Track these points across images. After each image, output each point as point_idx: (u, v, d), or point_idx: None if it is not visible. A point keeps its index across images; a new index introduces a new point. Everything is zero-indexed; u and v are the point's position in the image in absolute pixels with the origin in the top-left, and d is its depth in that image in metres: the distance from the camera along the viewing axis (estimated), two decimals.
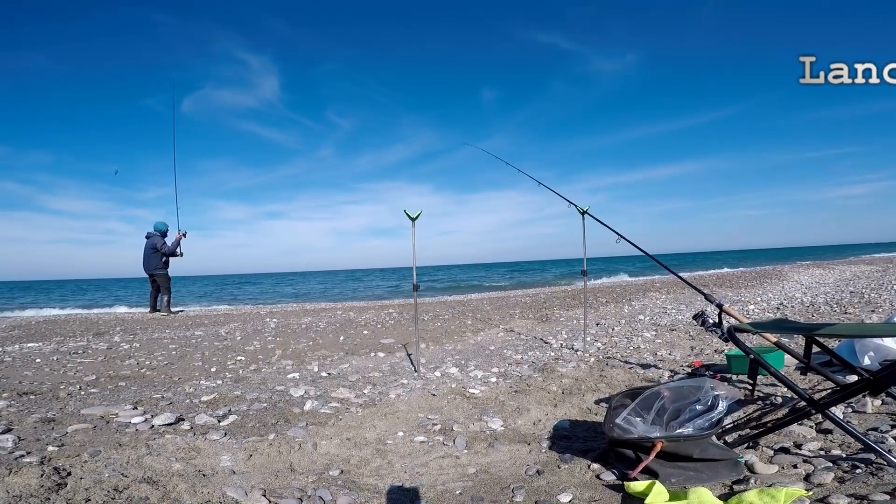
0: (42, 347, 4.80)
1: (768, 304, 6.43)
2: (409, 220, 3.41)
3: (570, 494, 1.55)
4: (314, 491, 1.62)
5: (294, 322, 6.59)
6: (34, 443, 1.92)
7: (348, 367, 3.63)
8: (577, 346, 4.14)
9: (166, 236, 8.89)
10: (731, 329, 1.99)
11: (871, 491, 1.36)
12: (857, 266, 14.15)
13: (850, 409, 2.12)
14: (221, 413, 2.45)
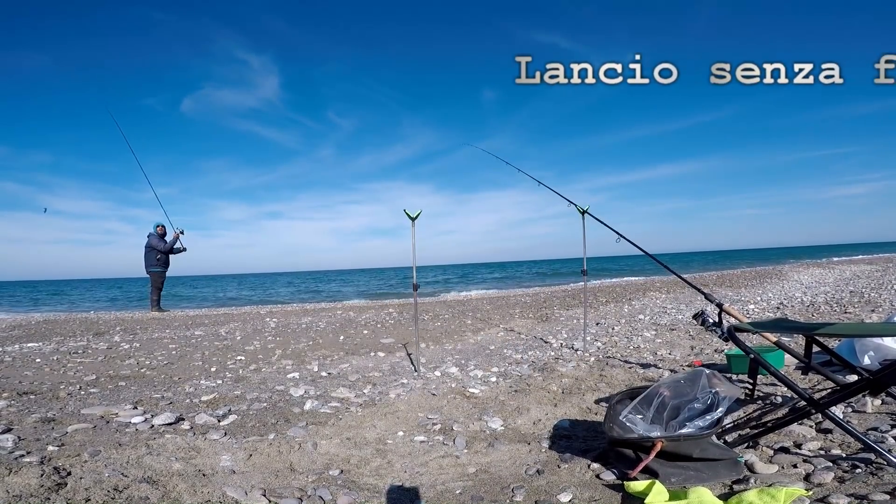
0: (42, 347, 4.80)
1: (768, 304, 6.43)
2: (409, 219, 3.41)
3: (570, 494, 1.55)
4: (314, 490, 1.62)
5: (294, 322, 6.59)
6: (34, 443, 1.92)
7: (348, 366, 3.63)
8: (577, 346, 4.14)
9: (165, 236, 9.15)
10: (731, 328, 1.99)
11: (870, 491, 1.36)
12: (857, 265, 14.15)
13: (850, 408, 2.12)
14: (221, 413, 2.45)
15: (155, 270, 9.09)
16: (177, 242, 9.11)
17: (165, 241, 9.06)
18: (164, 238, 9.09)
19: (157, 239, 9.04)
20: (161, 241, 9.05)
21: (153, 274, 9.10)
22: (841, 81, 4.54)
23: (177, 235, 9.09)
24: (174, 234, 9.08)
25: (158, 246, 9.01)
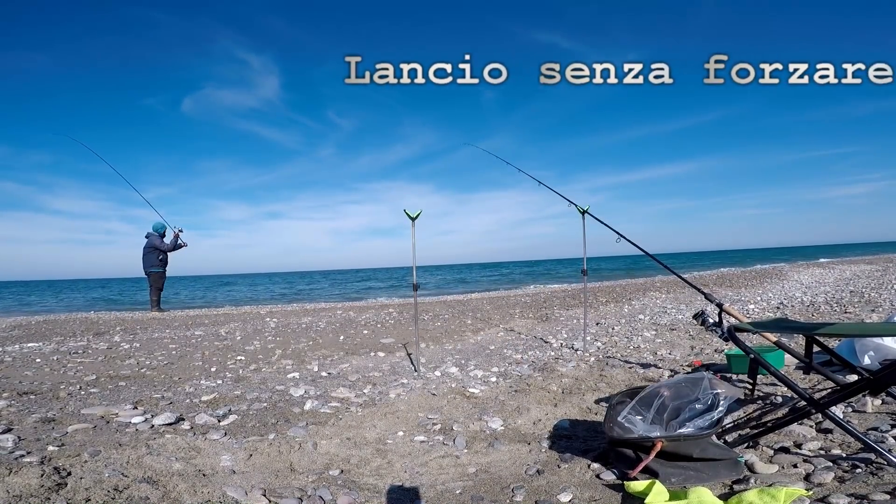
0: (42, 347, 4.80)
1: (768, 304, 6.43)
2: (409, 219, 3.41)
3: (570, 494, 1.55)
4: (314, 490, 1.62)
5: (294, 322, 6.59)
6: (34, 443, 1.92)
7: (348, 366, 3.63)
8: (577, 346, 4.14)
9: (164, 236, 9.20)
10: (731, 328, 1.98)
11: (871, 490, 1.36)
12: (856, 265, 14.15)
13: (850, 408, 2.12)
14: (221, 413, 2.45)
15: (156, 271, 9.12)
16: (178, 240, 9.17)
17: (165, 241, 9.12)
18: (163, 238, 9.15)
19: (158, 239, 9.08)
20: (162, 240, 9.10)
21: (154, 274, 9.13)
22: (671, 81, 4.74)
23: (177, 234, 9.14)
24: (174, 233, 9.13)
25: (162, 246, 9.06)
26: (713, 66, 4.63)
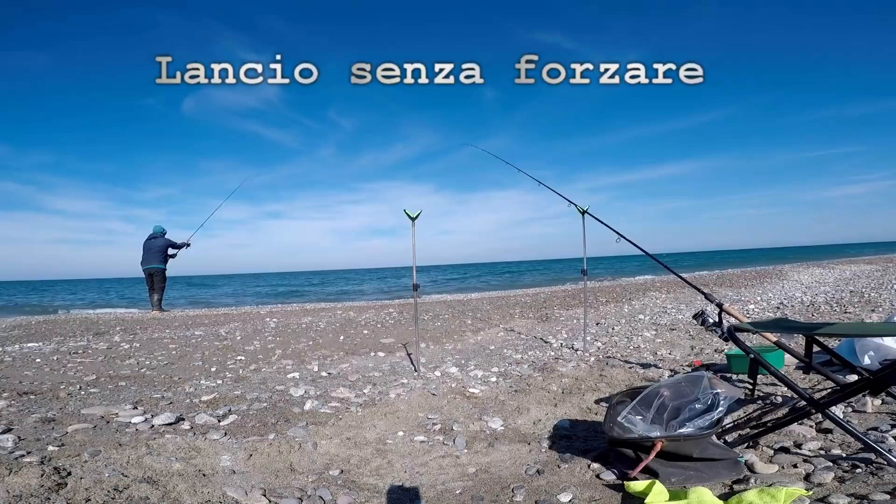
0: (42, 347, 4.80)
1: (768, 304, 6.43)
2: (409, 219, 3.41)
3: (570, 494, 1.55)
4: (314, 490, 1.62)
5: (294, 322, 6.59)
6: (34, 443, 1.92)
7: (348, 366, 3.63)
8: (577, 346, 4.14)
9: (164, 236, 9.30)
10: (732, 328, 1.98)
11: (871, 490, 1.36)
12: (856, 265, 14.15)
13: (850, 408, 2.12)
14: (221, 413, 2.45)
15: (161, 268, 9.17)
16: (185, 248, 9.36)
17: (174, 242, 9.26)
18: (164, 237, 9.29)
19: (169, 240, 9.21)
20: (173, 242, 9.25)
21: (160, 272, 9.16)
22: (482, 82, 4.86)
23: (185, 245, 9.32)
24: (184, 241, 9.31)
25: (176, 244, 9.19)
26: (524, 67, 4.75)
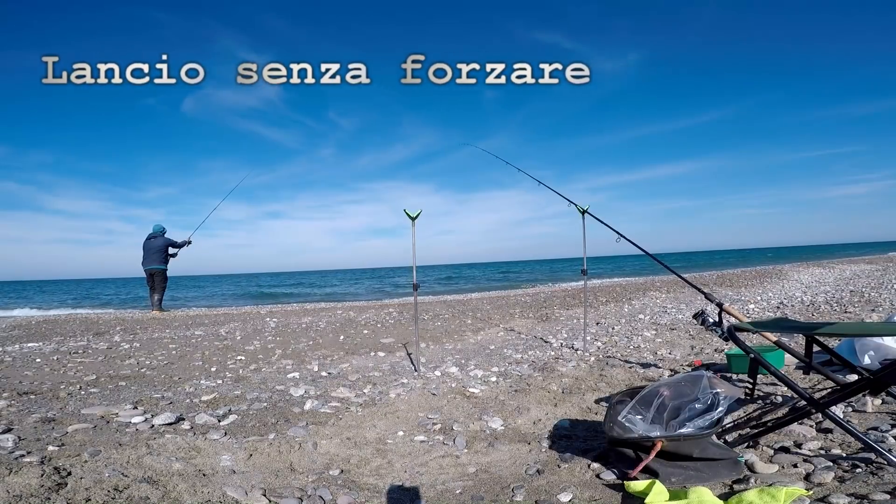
0: (42, 347, 4.80)
1: (768, 304, 6.43)
2: (409, 219, 3.41)
3: (571, 494, 1.55)
4: (314, 490, 1.62)
5: (294, 322, 6.59)
6: (34, 442, 1.92)
7: (348, 366, 3.63)
8: (577, 346, 4.14)
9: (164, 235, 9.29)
10: (732, 328, 1.99)
11: (871, 490, 1.36)
12: (857, 265, 14.15)
13: (850, 408, 2.12)
14: (221, 413, 2.45)
15: (162, 268, 9.18)
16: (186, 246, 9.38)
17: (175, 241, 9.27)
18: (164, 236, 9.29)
19: (169, 240, 9.20)
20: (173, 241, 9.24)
21: (160, 272, 9.16)
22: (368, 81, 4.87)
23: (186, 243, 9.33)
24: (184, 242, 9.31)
25: (176, 243, 9.18)
26: (410, 66, 4.77)
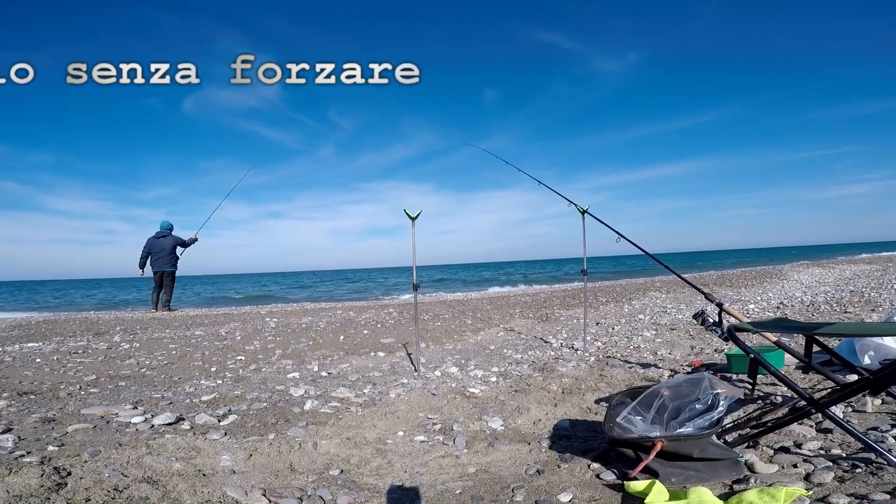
0: (42, 347, 4.80)
1: (768, 304, 6.43)
2: (409, 219, 3.41)
3: (570, 494, 1.55)
4: (314, 490, 1.62)
5: (294, 322, 6.59)
6: (34, 442, 1.92)
7: (348, 366, 3.63)
8: (577, 346, 4.14)
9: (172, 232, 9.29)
10: (731, 328, 1.99)
11: (871, 490, 1.36)
12: (857, 265, 14.15)
13: (850, 408, 2.12)
14: (221, 413, 2.45)
15: (173, 270, 9.19)
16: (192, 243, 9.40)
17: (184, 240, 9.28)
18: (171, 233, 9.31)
19: (178, 238, 9.20)
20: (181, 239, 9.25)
21: (172, 274, 9.17)
22: (197, 81, 4.87)
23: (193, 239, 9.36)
24: (191, 238, 9.33)
25: (185, 241, 9.19)
26: (240, 66, 4.79)
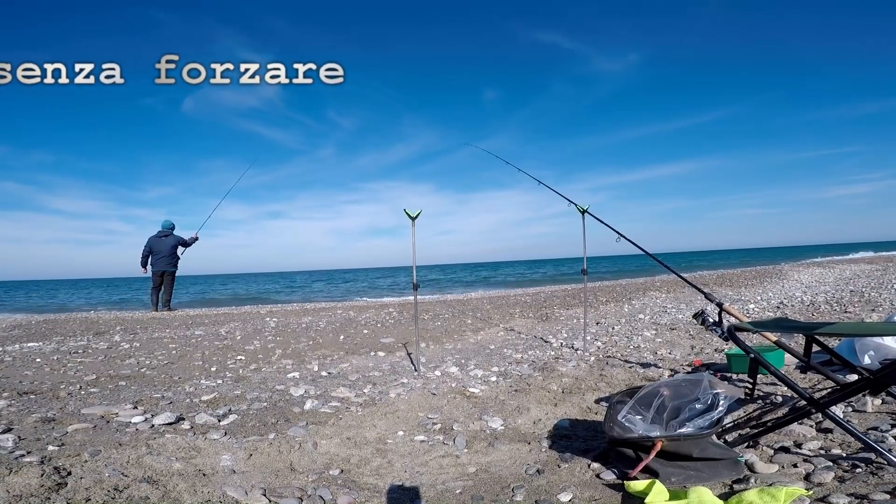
0: (42, 347, 4.80)
1: (768, 303, 6.43)
2: (409, 219, 3.41)
3: (571, 494, 1.55)
4: (314, 490, 1.62)
5: (294, 321, 6.59)
6: (34, 442, 1.92)
7: (348, 366, 3.63)
8: (577, 345, 4.14)
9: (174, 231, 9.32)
10: (732, 328, 1.99)
11: (871, 490, 1.36)
12: (857, 265, 14.15)
13: (850, 408, 2.12)
14: (221, 412, 2.45)
15: (174, 270, 9.20)
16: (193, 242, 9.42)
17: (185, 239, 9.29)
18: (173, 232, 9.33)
19: (180, 238, 9.22)
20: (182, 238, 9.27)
21: (170, 274, 9.18)
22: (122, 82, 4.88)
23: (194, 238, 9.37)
24: (191, 237, 9.34)
25: (186, 241, 9.20)
26: (164, 66, 4.80)
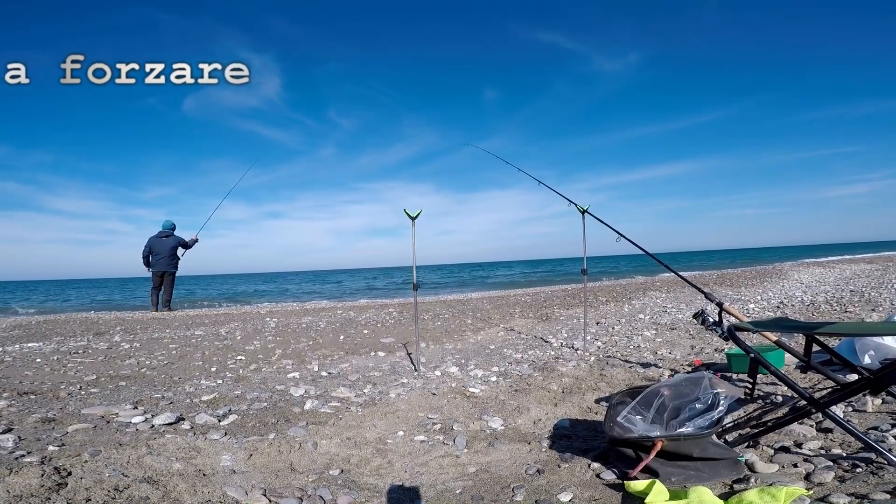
0: (42, 347, 4.80)
1: (768, 303, 6.43)
2: (410, 219, 3.41)
3: (571, 494, 1.55)
4: (314, 490, 1.62)
5: (294, 321, 6.59)
6: (34, 442, 1.92)
7: (348, 366, 3.63)
8: (577, 345, 4.14)
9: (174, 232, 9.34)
10: (732, 328, 1.99)
11: (871, 490, 1.36)
12: (857, 265, 14.15)
13: (850, 408, 2.12)
14: (221, 412, 2.45)
15: (174, 271, 9.22)
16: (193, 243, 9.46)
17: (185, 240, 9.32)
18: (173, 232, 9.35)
19: (181, 238, 9.24)
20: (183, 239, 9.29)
21: (171, 275, 9.20)
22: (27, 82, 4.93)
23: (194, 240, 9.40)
24: (192, 238, 9.37)
25: (187, 242, 9.23)
26: (69, 66, 4.81)
